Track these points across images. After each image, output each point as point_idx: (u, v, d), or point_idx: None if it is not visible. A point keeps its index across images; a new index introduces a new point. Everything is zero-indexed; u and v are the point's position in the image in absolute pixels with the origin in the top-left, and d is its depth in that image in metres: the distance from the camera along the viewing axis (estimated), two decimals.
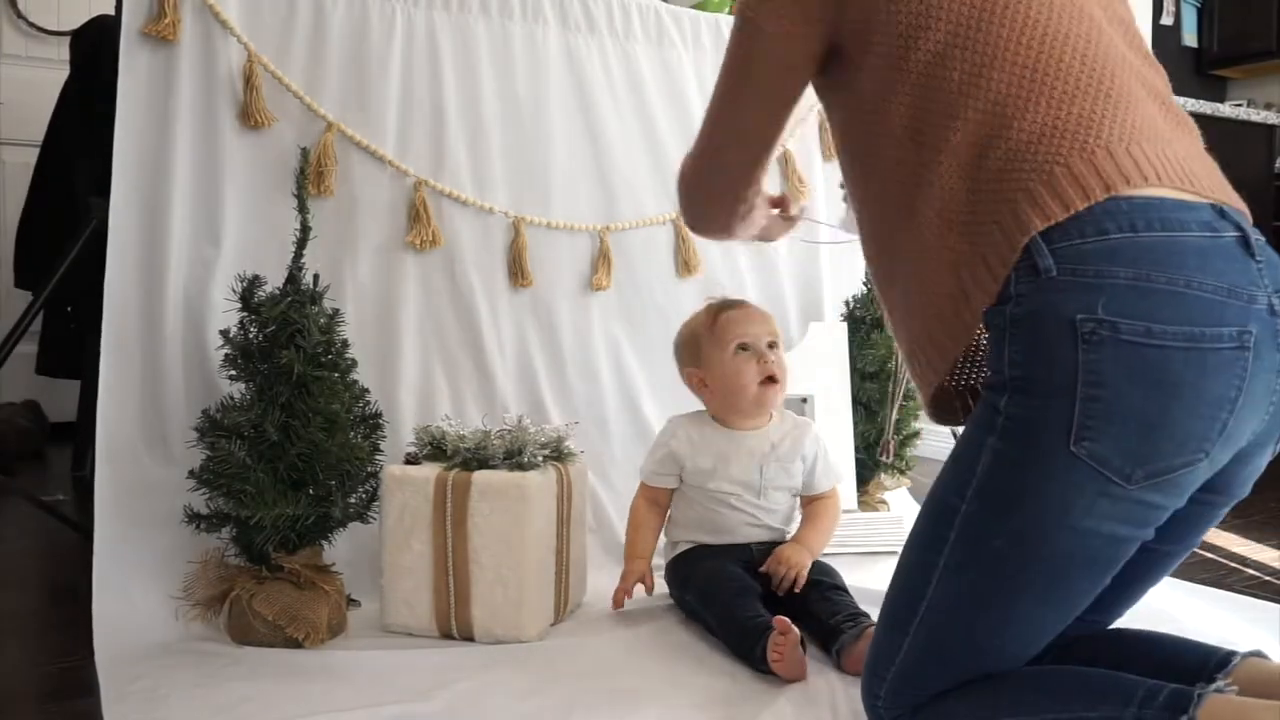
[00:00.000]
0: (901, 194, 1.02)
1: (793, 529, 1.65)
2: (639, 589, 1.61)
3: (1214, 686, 0.92)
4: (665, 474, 1.64)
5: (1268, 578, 1.86)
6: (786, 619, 1.31)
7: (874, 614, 1.43)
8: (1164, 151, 0.95)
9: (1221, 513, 1.03)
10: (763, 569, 1.54)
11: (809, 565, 1.52)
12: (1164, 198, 0.92)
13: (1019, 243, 0.91)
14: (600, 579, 1.74)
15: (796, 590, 1.50)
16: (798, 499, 1.67)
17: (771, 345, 1.61)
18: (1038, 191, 0.92)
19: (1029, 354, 0.91)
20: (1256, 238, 0.94)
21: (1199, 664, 1.00)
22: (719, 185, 1.25)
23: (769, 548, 1.59)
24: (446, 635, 1.48)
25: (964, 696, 0.97)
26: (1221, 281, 0.89)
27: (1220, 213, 0.94)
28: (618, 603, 1.60)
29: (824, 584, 1.50)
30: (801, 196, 2.14)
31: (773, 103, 1.15)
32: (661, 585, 1.64)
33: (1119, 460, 0.88)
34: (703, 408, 1.67)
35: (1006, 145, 0.94)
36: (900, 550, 1.04)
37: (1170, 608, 1.54)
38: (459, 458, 1.51)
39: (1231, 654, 1.02)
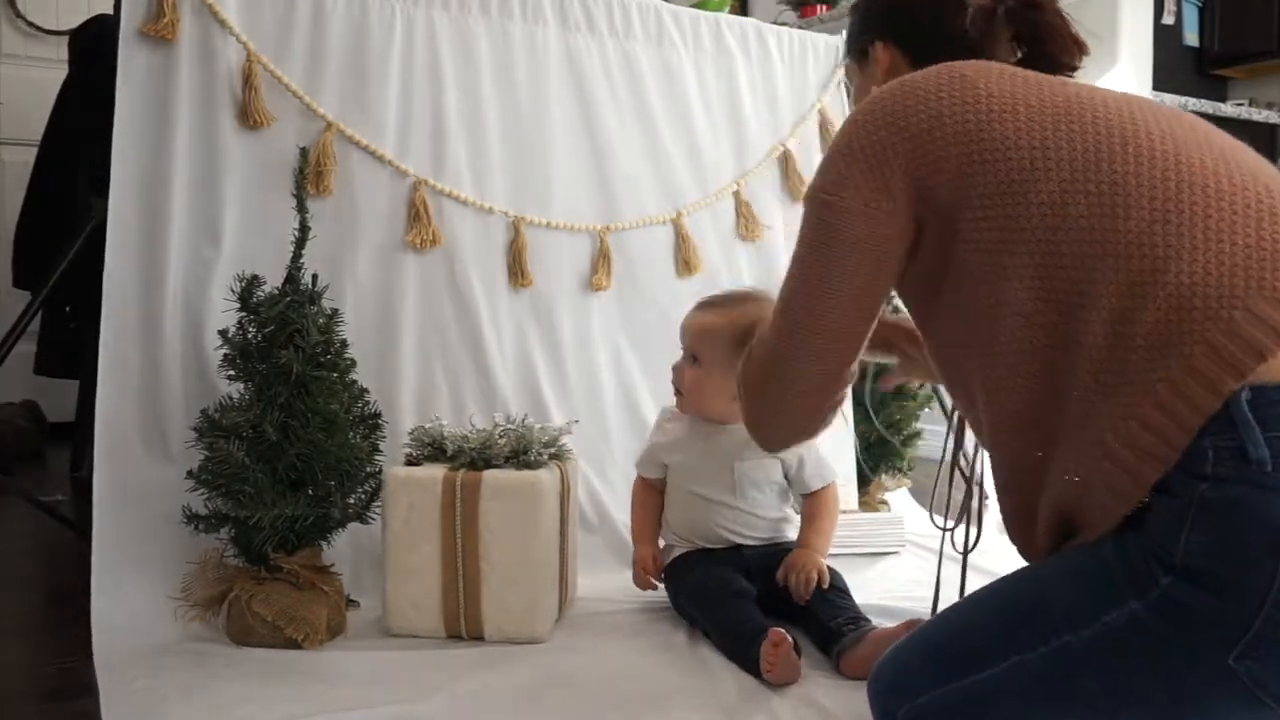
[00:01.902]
0: (1028, 357, 0.89)
1: (787, 525, 1.65)
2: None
3: None
4: (651, 464, 1.67)
5: None
6: (781, 630, 1.30)
7: (874, 617, 1.45)
8: None
9: None
10: (780, 583, 1.52)
11: (821, 564, 1.52)
12: None
13: (1207, 405, 0.79)
14: (603, 578, 1.74)
15: (814, 589, 1.48)
16: (789, 494, 1.65)
17: (695, 359, 1.58)
18: (1219, 343, 0.79)
19: (1216, 548, 0.78)
20: None
21: None
22: (801, 390, 1.07)
23: (763, 549, 1.59)
24: (455, 636, 1.47)
25: None
26: None
27: None
28: (645, 586, 1.63)
29: (825, 586, 1.50)
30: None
31: (860, 290, 1.00)
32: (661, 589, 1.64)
33: (1279, 685, 0.78)
34: None
35: (1164, 291, 0.82)
36: (972, 600, 0.96)
37: None
38: (464, 458, 1.50)
39: None
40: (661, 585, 1.63)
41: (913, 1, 1.16)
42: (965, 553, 1.30)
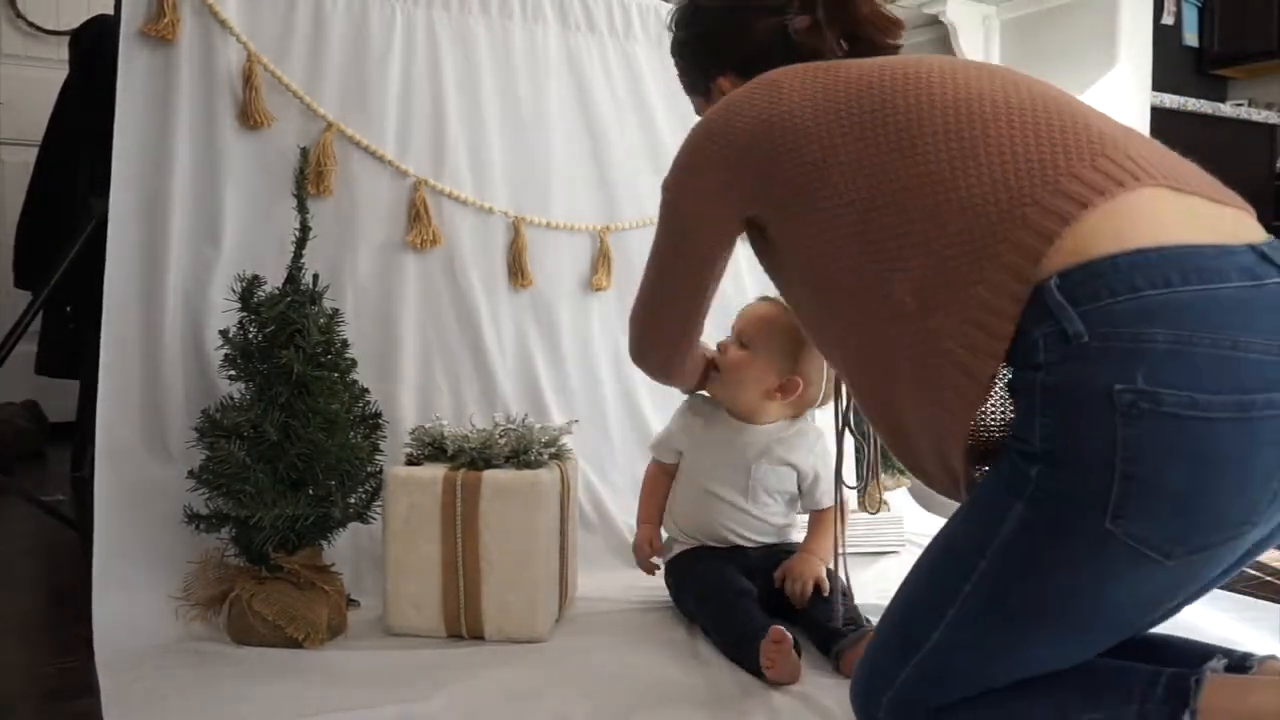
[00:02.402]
0: (870, 301, 0.97)
1: (791, 530, 1.65)
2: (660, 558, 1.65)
3: (1209, 666, 0.91)
4: (667, 450, 1.66)
5: (1268, 578, 1.86)
6: (781, 628, 1.30)
7: (873, 617, 1.45)
8: (1130, 154, 0.90)
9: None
10: (776, 584, 1.53)
11: (821, 572, 1.52)
12: (1199, 244, 0.84)
13: (1019, 292, 0.86)
14: (603, 578, 1.74)
15: (812, 595, 1.48)
16: (797, 503, 1.64)
17: (742, 344, 1.58)
18: (1018, 238, 0.87)
19: (1062, 426, 0.84)
20: None
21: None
22: (662, 335, 1.37)
23: (766, 549, 1.59)
24: (455, 636, 1.47)
25: (962, 710, 0.94)
26: (1272, 339, 0.81)
27: (1261, 255, 0.86)
28: (647, 569, 1.64)
29: (825, 593, 1.49)
30: None
31: (701, 267, 1.21)
32: (663, 587, 1.64)
33: (1157, 539, 0.82)
34: None
35: (960, 206, 0.90)
36: (904, 580, 0.99)
37: None
38: (464, 457, 1.51)
39: (1248, 656, 0.98)
40: (663, 579, 1.63)
41: (740, 37, 1.25)
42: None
